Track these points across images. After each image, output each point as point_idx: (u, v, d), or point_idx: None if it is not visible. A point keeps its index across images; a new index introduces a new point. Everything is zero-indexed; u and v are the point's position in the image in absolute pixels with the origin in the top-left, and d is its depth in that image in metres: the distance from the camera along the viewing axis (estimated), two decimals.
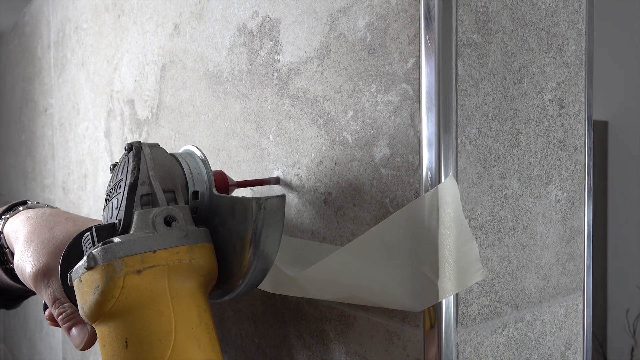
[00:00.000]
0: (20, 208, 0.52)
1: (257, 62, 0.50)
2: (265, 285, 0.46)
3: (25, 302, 0.59)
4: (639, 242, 2.01)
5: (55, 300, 0.44)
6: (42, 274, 0.44)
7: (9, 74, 1.64)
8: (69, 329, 0.44)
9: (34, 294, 0.53)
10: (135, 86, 0.76)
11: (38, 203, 0.54)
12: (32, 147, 1.38)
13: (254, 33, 0.51)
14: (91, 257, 0.34)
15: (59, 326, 0.45)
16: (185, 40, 0.62)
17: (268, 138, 0.49)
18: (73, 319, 0.44)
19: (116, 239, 0.34)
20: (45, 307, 0.48)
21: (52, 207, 0.55)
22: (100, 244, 0.34)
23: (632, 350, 1.97)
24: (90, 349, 0.44)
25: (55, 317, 0.44)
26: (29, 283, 0.45)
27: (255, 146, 0.51)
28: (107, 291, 0.33)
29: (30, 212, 0.50)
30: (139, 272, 0.33)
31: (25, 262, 0.45)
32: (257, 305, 0.53)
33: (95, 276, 0.33)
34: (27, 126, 1.42)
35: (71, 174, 1.06)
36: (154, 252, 0.34)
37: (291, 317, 0.49)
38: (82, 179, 0.99)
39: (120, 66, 0.80)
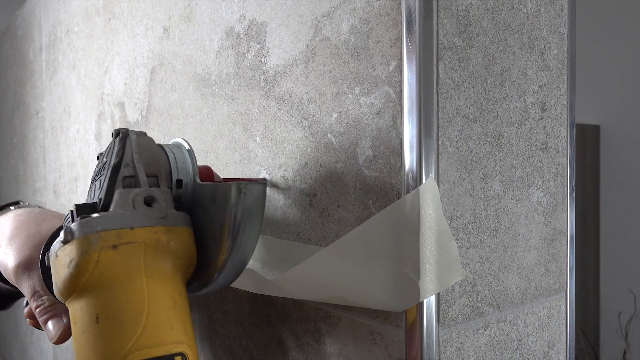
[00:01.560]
0: (12, 208, 0.52)
1: (244, 65, 0.51)
2: (250, 287, 0.46)
3: (16, 306, 0.59)
4: (631, 246, 2.02)
5: (34, 293, 0.44)
6: (24, 267, 0.44)
7: (1, 77, 1.64)
8: (45, 322, 0.43)
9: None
10: (125, 89, 0.76)
11: (29, 204, 0.54)
12: (24, 150, 1.37)
13: (241, 36, 0.51)
14: (68, 231, 0.33)
15: (38, 326, 0.45)
16: (175, 43, 0.62)
17: (255, 140, 0.50)
18: (50, 312, 0.43)
19: (94, 215, 0.34)
20: (26, 305, 0.48)
21: (43, 208, 0.55)
22: (78, 218, 0.34)
23: (625, 353, 1.98)
24: None
25: (32, 310, 0.44)
26: (11, 277, 0.44)
27: (242, 148, 0.52)
28: (81, 264, 0.33)
29: (20, 210, 0.50)
30: (114, 247, 0.33)
31: (8, 256, 0.44)
32: (244, 307, 0.53)
33: (70, 249, 0.33)
34: (19, 129, 1.42)
35: (62, 176, 1.05)
36: (132, 229, 0.34)
37: (277, 318, 0.49)
38: (73, 182, 0.99)
39: (110, 69, 0.81)
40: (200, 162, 0.58)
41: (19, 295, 0.54)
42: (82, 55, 0.92)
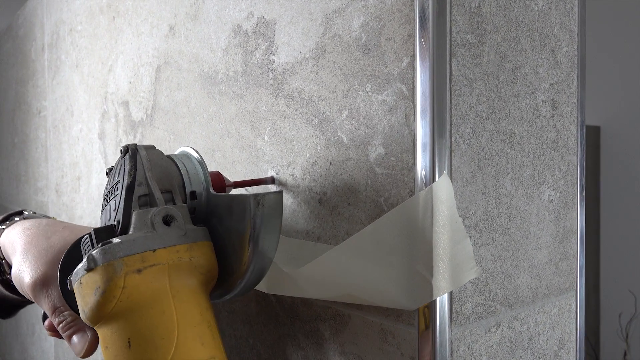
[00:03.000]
0: (17, 219, 0.52)
1: (252, 63, 0.51)
2: (260, 286, 0.46)
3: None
4: (631, 247, 2.02)
5: (55, 309, 0.44)
6: (41, 284, 0.44)
7: (2, 77, 1.63)
8: (69, 337, 0.44)
9: (30, 303, 0.52)
10: (129, 88, 0.76)
11: (35, 213, 0.54)
12: (25, 149, 1.37)
13: (249, 34, 0.51)
14: (91, 259, 0.33)
15: (60, 336, 0.45)
16: (181, 41, 0.62)
17: (263, 138, 0.50)
18: (73, 327, 0.44)
19: (115, 240, 0.34)
20: (45, 317, 0.48)
21: (48, 217, 0.55)
22: (99, 245, 0.34)
23: (625, 354, 1.98)
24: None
25: (55, 325, 0.44)
26: (28, 293, 0.45)
27: (250, 146, 0.51)
28: (108, 292, 0.33)
29: (27, 222, 0.50)
30: (139, 271, 0.33)
31: (23, 273, 0.45)
32: (251, 306, 0.53)
33: (95, 277, 0.33)
34: (20, 129, 1.42)
35: (64, 176, 1.05)
36: (154, 251, 0.34)
37: (286, 317, 0.49)
38: (76, 181, 0.98)
39: (114, 68, 0.80)
40: (207, 161, 0.57)
41: (25, 304, 0.54)
42: (86, 54, 0.92)
